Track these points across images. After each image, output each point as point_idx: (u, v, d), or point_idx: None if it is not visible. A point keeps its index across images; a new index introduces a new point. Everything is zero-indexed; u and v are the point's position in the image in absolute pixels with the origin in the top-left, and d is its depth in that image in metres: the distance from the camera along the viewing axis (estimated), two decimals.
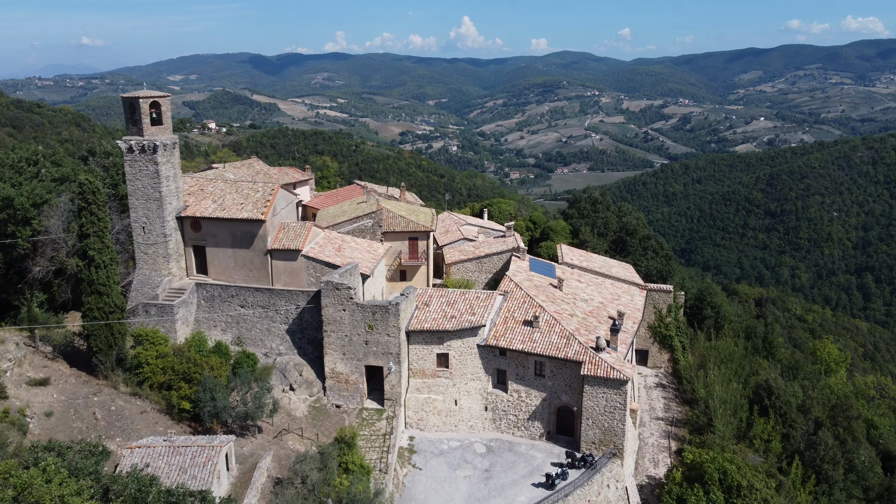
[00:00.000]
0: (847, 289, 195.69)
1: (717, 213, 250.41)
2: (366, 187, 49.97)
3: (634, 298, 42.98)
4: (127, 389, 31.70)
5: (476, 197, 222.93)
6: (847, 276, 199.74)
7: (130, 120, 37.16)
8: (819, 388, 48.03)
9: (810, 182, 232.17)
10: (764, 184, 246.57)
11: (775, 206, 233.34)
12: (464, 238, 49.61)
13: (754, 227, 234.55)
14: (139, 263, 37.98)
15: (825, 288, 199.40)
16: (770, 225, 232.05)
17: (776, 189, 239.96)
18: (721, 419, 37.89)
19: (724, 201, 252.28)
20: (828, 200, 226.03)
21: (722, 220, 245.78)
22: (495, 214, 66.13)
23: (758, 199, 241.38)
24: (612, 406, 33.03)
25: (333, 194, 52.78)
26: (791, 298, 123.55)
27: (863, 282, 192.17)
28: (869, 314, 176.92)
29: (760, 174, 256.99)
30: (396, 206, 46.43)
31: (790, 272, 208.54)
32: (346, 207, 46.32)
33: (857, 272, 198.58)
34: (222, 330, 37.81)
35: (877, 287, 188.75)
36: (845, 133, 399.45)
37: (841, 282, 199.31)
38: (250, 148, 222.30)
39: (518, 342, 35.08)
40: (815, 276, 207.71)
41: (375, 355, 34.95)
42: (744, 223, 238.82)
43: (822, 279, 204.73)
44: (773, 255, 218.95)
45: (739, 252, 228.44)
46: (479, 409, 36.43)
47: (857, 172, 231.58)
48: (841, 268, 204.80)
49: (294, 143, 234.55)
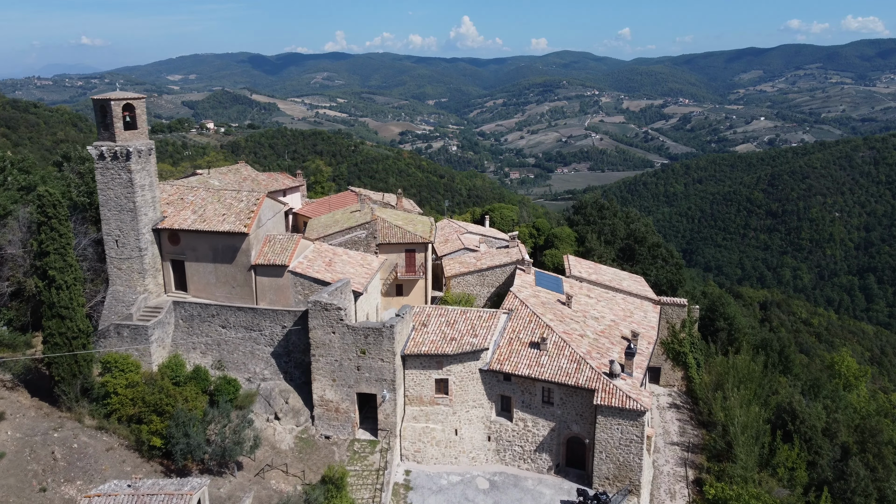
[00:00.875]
0: (849, 290, 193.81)
1: (718, 213, 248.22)
2: (360, 194, 46.96)
3: (648, 315, 40.02)
4: (93, 423, 28.68)
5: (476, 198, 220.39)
6: (849, 277, 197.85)
7: (102, 124, 34.11)
8: (842, 407, 45.13)
9: (812, 182, 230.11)
10: (765, 184, 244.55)
11: (777, 206, 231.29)
12: (464, 248, 46.63)
13: (756, 228, 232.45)
14: (112, 279, 34.94)
15: (827, 289, 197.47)
16: (771, 225, 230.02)
17: (778, 189, 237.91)
18: (743, 447, 34.96)
19: (726, 202, 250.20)
20: (829, 201, 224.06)
21: (723, 220, 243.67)
22: (497, 220, 63.23)
23: (759, 200, 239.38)
24: (629, 439, 30.09)
25: (326, 202, 49.75)
26: (796, 301, 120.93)
27: (865, 283, 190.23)
28: (871, 315, 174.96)
29: (762, 174, 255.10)
30: (392, 216, 43.42)
31: (792, 273, 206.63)
32: (339, 217, 43.31)
33: (860, 273, 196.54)
34: (202, 353, 34.77)
35: (879, 288, 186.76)
36: (846, 133, 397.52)
37: (843, 283, 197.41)
38: (248, 148, 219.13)
39: (524, 367, 32.13)
40: (816, 276, 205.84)
41: (368, 382, 31.96)
42: (745, 224, 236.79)
43: (825, 280, 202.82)
44: (775, 255, 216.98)
45: (741, 253, 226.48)
46: (481, 439, 33.45)
47: (859, 172, 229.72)
48: (843, 269, 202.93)
49: (293, 143, 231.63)
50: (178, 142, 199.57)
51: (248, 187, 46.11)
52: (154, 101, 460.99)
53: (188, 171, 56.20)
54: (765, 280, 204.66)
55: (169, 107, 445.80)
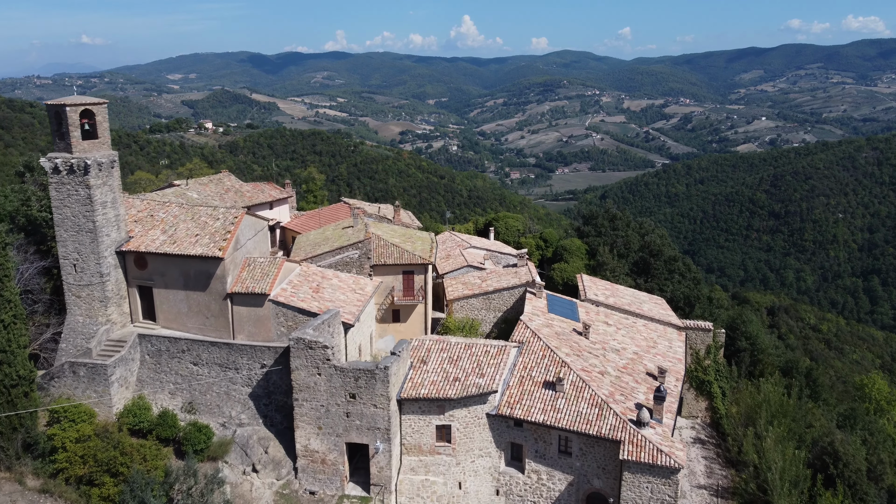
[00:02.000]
0: (853, 292, 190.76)
1: (720, 214, 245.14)
2: (353, 207, 42.80)
3: (673, 344, 35.97)
4: (36, 483, 24.58)
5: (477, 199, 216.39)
6: (853, 279, 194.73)
7: (57, 133, 29.98)
8: (881, 441, 41.15)
9: (815, 183, 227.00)
10: (768, 185, 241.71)
11: (779, 207, 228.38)
12: (468, 265, 42.52)
13: (758, 229, 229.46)
14: (70, 309, 30.81)
15: (831, 291, 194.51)
16: (774, 226, 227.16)
17: (780, 190, 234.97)
18: (783, 497, 30.93)
19: (728, 202, 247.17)
20: (833, 202, 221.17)
21: (725, 221, 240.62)
22: (502, 231, 59.19)
23: (762, 201, 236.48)
24: (660, 499, 26.04)
25: (316, 215, 45.56)
26: (804, 307, 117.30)
27: (869, 285, 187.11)
28: (876, 318, 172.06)
29: (764, 175, 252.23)
30: (389, 232, 39.27)
31: (795, 275, 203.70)
32: (330, 233, 39.16)
33: (864, 275, 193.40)
34: (171, 393, 30.62)
35: (884, 290, 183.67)
36: (847, 133, 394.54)
37: (847, 285, 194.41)
38: (247, 148, 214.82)
39: (538, 411, 28.07)
40: (820, 278, 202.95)
41: (359, 430, 27.84)
42: (747, 224, 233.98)
43: (828, 282, 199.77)
44: (778, 257, 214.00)
45: (743, 254, 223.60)
46: (488, 493, 29.36)
47: (862, 173, 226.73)
48: (847, 270, 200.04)
49: (291, 143, 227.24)
50: (176, 142, 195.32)
51: (230, 200, 41.98)
52: (153, 101, 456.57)
53: (171, 179, 52.10)
54: (768, 282, 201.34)
55: (168, 106, 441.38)
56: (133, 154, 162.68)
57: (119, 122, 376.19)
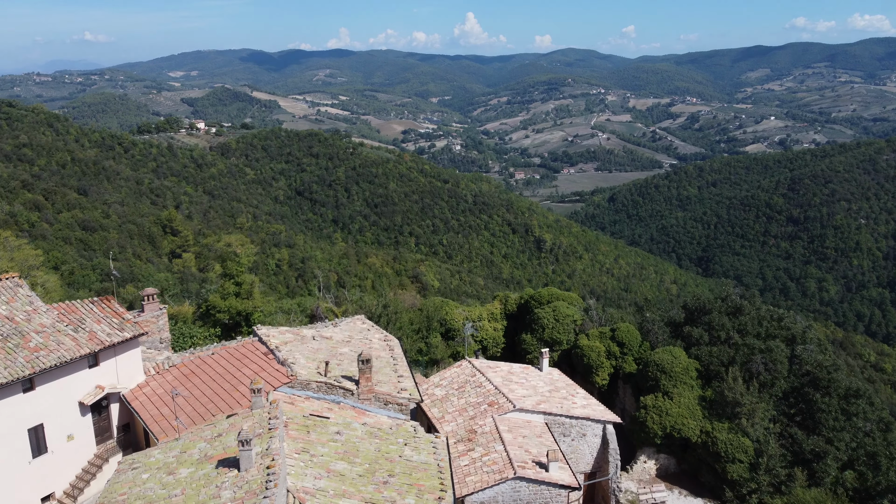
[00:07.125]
0: (880, 304, 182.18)
1: (735, 218, 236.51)
2: (274, 351, 23.97)
3: None
4: None
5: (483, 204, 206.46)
6: (879, 290, 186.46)
7: None
8: None
9: (835, 187, 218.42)
10: (785, 188, 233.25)
11: (798, 212, 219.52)
12: (517, 477, 21.74)
13: (776, 235, 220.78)
14: None
15: (856, 302, 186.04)
16: (793, 233, 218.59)
17: (798, 194, 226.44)
18: None
19: (743, 206, 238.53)
20: (854, 206, 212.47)
21: (741, 226, 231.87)
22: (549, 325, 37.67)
23: (779, 205, 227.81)
24: None
25: (201, 364, 24.89)
26: (858, 338, 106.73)
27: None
28: None
29: (780, 178, 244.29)
30: (332, 438, 18.77)
31: (817, 284, 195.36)
32: (194, 449, 16.61)
33: (890, 285, 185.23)
34: None
35: None
36: (858, 133, 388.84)
37: (873, 296, 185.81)
38: (239, 150, 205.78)
39: None
40: (843, 288, 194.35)
41: None
42: (765, 230, 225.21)
43: (852, 293, 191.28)
44: (798, 265, 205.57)
45: (761, 262, 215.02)
46: None
47: (884, 177, 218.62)
48: (871, 280, 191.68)
49: (287, 144, 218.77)
50: (164, 144, 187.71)
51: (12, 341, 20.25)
52: (153, 98, 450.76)
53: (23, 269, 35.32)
54: (788, 292, 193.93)
55: (168, 104, 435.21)
56: (115, 158, 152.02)
57: (117, 121, 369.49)
